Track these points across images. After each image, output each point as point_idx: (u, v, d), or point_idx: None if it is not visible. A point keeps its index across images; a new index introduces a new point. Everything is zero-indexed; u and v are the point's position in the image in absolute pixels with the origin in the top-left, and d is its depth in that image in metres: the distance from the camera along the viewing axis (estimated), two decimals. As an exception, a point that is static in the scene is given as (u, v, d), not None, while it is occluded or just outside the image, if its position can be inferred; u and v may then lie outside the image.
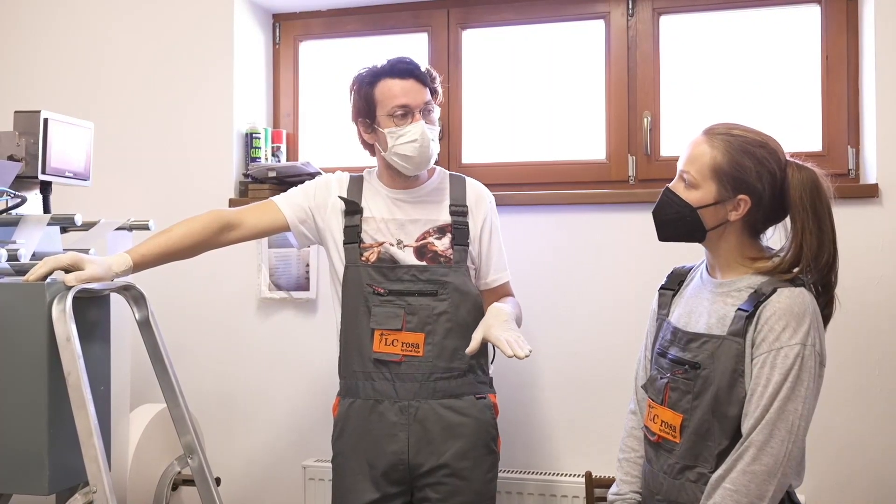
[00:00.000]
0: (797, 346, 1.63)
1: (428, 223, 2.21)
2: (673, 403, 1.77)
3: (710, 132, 1.76)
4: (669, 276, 1.97)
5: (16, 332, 1.80)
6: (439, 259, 2.18)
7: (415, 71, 2.17)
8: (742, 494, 1.62)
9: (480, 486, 2.16)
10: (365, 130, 2.22)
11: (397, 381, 2.15)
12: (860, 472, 2.54)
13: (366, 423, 2.17)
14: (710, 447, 1.71)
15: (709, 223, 1.76)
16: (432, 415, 2.14)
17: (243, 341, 3.02)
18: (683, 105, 2.85)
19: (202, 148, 3.09)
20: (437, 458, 2.13)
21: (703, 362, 1.72)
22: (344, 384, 2.23)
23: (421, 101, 2.15)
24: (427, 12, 3.08)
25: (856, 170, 2.66)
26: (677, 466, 1.75)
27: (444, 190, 2.26)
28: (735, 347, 1.69)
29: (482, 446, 2.17)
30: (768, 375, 1.64)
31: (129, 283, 2.03)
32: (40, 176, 2.15)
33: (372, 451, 2.15)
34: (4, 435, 1.81)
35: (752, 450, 1.63)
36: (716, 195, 1.73)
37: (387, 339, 2.15)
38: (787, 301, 1.66)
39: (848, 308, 2.48)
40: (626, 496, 1.91)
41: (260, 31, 3.21)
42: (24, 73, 3.28)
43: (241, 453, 3.03)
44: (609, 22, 2.90)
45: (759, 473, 1.62)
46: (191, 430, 2.09)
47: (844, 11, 2.69)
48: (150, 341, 2.07)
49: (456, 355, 2.15)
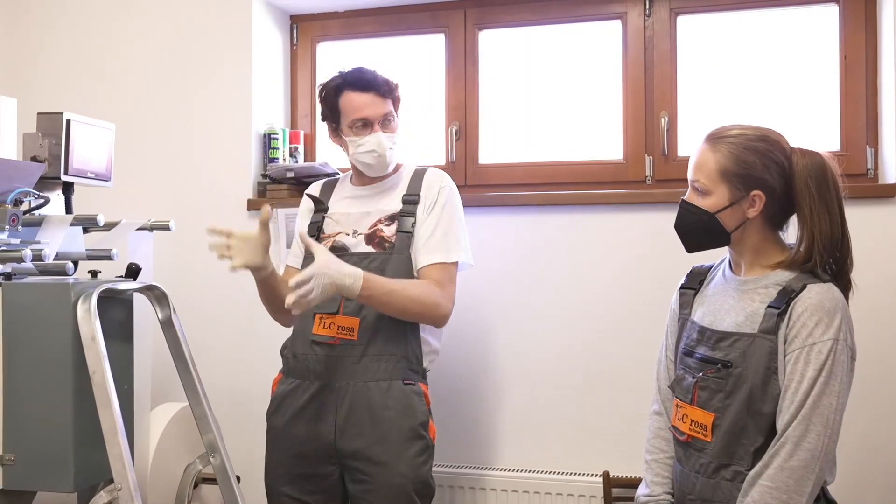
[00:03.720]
0: (830, 341, 1.64)
1: (381, 212, 2.30)
2: (703, 402, 1.78)
3: (710, 138, 1.79)
4: (689, 275, 1.98)
5: (41, 332, 1.83)
6: (384, 245, 2.25)
7: (374, 84, 2.28)
8: (781, 490, 1.63)
9: (407, 469, 2.17)
10: (332, 134, 2.38)
11: (331, 363, 2.20)
12: (882, 470, 2.53)
13: (299, 402, 2.23)
14: (745, 445, 1.71)
15: (729, 225, 1.77)
16: (360, 397, 2.18)
17: (264, 341, 3.03)
18: (701, 105, 2.84)
19: (221, 149, 3.11)
20: (363, 440, 2.17)
21: (735, 360, 1.73)
22: (284, 363, 2.32)
23: (380, 114, 2.28)
24: (444, 13, 3.09)
25: (874, 169, 2.65)
26: (712, 466, 1.76)
27: (403, 182, 2.34)
28: (767, 345, 1.69)
29: (408, 430, 2.18)
30: (802, 371, 1.65)
31: (152, 283, 2.05)
32: (63, 177, 2.17)
33: (303, 429, 2.22)
34: (30, 433, 1.83)
35: (789, 445, 1.64)
36: (730, 196, 1.75)
37: (325, 322, 2.22)
38: (818, 297, 1.67)
39: (867, 307, 2.49)
40: (659, 497, 1.91)
41: (278, 33, 3.23)
42: (44, 75, 3.31)
43: (262, 452, 3.03)
44: (626, 22, 2.90)
45: (797, 469, 1.63)
46: (213, 429, 2.11)
47: (863, 11, 2.68)
48: (173, 340, 2.10)
49: (389, 341, 2.20)
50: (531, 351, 2.81)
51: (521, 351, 2.82)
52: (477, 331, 2.84)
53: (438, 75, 3.10)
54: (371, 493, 2.17)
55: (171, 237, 2.49)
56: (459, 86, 3.06)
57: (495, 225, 2.83)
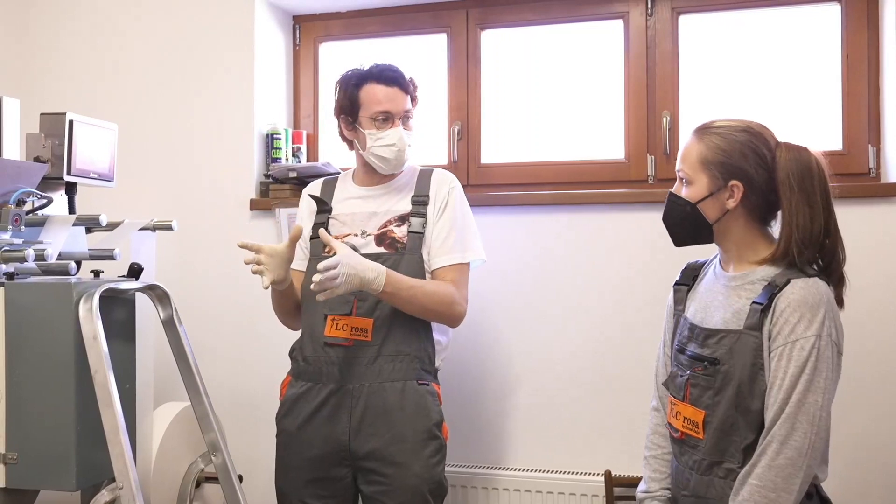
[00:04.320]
0: (812, 337, 1.64)
1: (391, 213, 2.29)
2: (694, 400, 1.78)
3: (697, 130, 1.82)
4: (683, 271, 1.99)
5: (44, 331, 1.83)
6: (396, 245, 2.24)
7: (400, 80, 2.29)
8: (769, 489, 1.64)
9: (422, 469, 2.16)
10: (346, 127, 2.33)
11: (345, 364, 2.20)
12: (883, 470, 2.53)
13: (311, 405, 2.22)
14: (735, 442, 1.72)
15: (710, 216, 1.79)
16: (375, 398, 2.18)
17: (265, 340, 3.04)
18: (703, 104, 2.84)
19: (224, 149, 3.12)
20: (378, 441, 2.16)
21: (722, 358, 1.74)
22: (294, 366, 2.31)
23: (402, 109, 2.28)
24: (446, 13, 3.09)
25: (877, 169, 2.65)
26: (704, 462, 1.76)
27: (411, 183, 2.33)
28: (752, 341, 1.70)
29: (423, 430, 2.18)
30: (785, 368, 1.65)
31: (154, 282, 2.05)
32: (66, 177, 2.17)
33: (316, 432, 2.21)
34: (33, 432, 1.84)
35: (775, 444, 1.64)
36: (709, 185, 1.78)
37: (337, 323, 2.21)
38: (801, 292, 1.67)
39: (868, 306, 2.50)
40: (656, 493, 1.92)
41: (280, 33, 3.23)
42: (47, 76, 3.32)
43: (263, 451, 3.05)
44: (628, 22, 2.90)
45: (785, 467, 1.63)
46: (214, 428, 2.12)
47: (865, 10, 2.68)
48: (175, 340, 2.10)
49: (403, 341, 2.19)
50: (535, 350, 2.81)
51: (525, 351, 2.82)
52: (480, 330, 2.84)
53: (440, 75, 3.10)
54: (386, 493, 2.16)
55: (173, 237, 2.50)
56: (461, 85, 3.06)
57: (497, 225, 2.83)
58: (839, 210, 1.77)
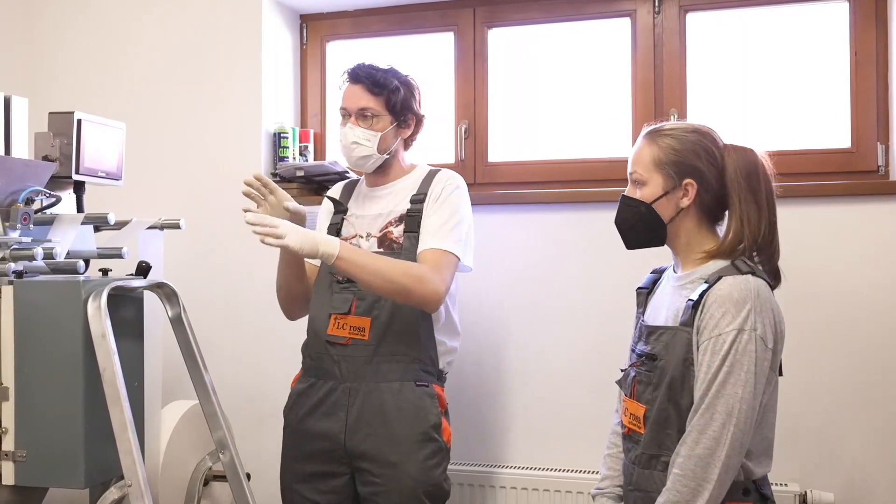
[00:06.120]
0: (734, 331, 1.67)
1: (392, 213, 2.29)
2: (638, 395, 1.84)
3: (648, 134, 1.87)
4: (648, 276, 2.04)
5: (52, 329, 1.83)
6: (393, 246, 2.24)
7: (364, 78, 2.26)
8: (689, 479, 1.67)
9: (417, 471, 2.16)
10: None
11: (343, 362, 2.21)
12: (886, 473, 2.51)
13: (311, 400, 2.25)
14: (670, 435, 1.76)
15: (665, 215, 1.84)
16: (371, 399, 2.18)
17: (274, 338, 3.04)
18: (710, 102, 2.84)
19: (231, 147, 3.12)
20: (373, 441, 2.17)
21: (659, 353, 1.79)
22: (304, 361, 2.34)
23: (356, 106, 2.25)
24: (453, 11, 3.09)
25: (885, 166, 2.64)
26: (644, 456, 1.81)
27: (415, 184, 2.32)
28: (685, 337, 1.75)
29: (419, 432, 2.18)
30: (709, 362, 1.69)
31: (162, 280, 2.06)
32: (74, 176, 2.18)
33: (314, 427, 2.23)
34: (42, 430, 1.84)
35: (694, 434, 1.68)
36: (664, 185, 1.82)
37: (339, 322, 2.22)
38: (729, 288, 1.71)
39: (873, 307, 2.49)
40: (606, 490, 2.00)
41: (287, 32, 3.23)
42: (56, 75, 3.33)
43: (271, 449, 3.05)
44: (635, 20, 2.90)
45: (703, 457, 1.66)
46: (223, 426, 2.12)
47: (873, 7, 2.67)
48: (183, 338, 2.11)
49: (402, 341, 2.19)
50: (540, 349, 2.81)
51: (531, 349, 2.82)
52: (486, 329, 2.84)
53: (448, 74, 3.10)
54: (380, 495, 2.17)
55: (181, 235, 2.50)
56: (468, 84, 3.07)
57: (504, 223, 2.83)
58: (848, 207, 1.79)
